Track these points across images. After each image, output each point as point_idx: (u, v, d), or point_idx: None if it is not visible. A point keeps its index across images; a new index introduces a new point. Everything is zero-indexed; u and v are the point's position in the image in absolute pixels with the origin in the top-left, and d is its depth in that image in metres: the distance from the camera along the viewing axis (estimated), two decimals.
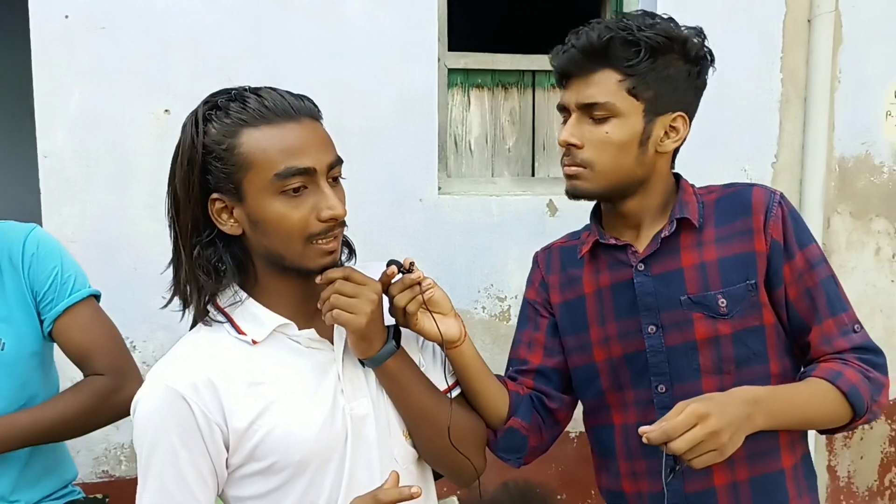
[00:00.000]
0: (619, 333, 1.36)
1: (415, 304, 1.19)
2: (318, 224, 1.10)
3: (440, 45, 2.98)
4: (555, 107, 3.19)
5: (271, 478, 1.14)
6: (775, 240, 1.30)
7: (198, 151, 1.11)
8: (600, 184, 1.30)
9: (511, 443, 1.39)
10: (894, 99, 3.43)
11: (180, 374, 1.12)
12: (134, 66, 2.65)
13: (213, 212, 1.13)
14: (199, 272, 1.14)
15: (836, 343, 1.29)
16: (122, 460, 2.82)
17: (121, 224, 2.69)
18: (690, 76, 1.30)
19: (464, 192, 3.06)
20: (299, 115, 1.10)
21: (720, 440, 1.09)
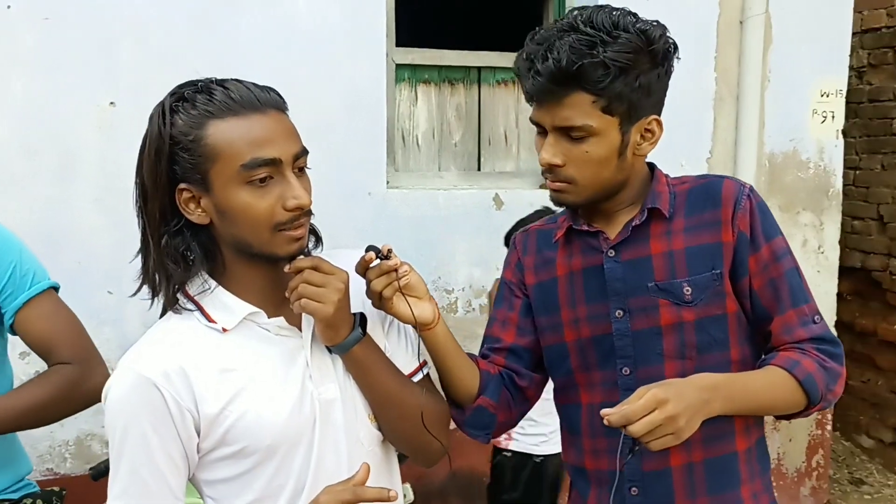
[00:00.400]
0: (588, 316, 1.39)
1: (390, 289, 1.23)
2: (284, 213, 1.13)
3: (388, 41, 3.01)
4: (500, 102, 3.29)
5: (241, 461, 1.17)
6: (742, 231, 1.33)
7: (165, 142, 1.11)
8: (585, 195, 1.33)
9: (479, 420, 1.44)
10: (820, 98, 3.60)
11: (152, 362, 1.14)
12: (78, 57, 2.62)
13: (180, 202, 1.15)
14: (167, 261, 1.16)
15: (796, 333, 1.32)
16: (66, 458, 2.78)
17: (65, 217, 2.65)
18: (661, 78, 1.31)
19: (412, 186, 3.11)
20: (265, 106, 1.13)
21: (677, 424, 1.14)
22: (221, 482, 1.20)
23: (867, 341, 4.36)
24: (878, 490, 4.15)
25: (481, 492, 3.30)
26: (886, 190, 4.36)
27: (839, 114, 3.64)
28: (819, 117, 3.61)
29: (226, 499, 1.21)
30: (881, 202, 4.40)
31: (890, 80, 4.36)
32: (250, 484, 1.18)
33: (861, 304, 4.53)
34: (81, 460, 2.75)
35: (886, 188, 4.36)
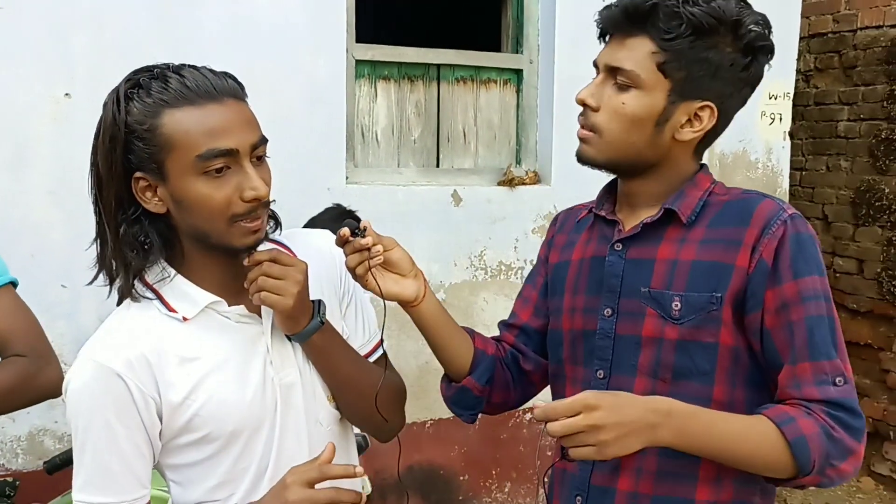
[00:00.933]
0: (584, 307, 1.32)
1: (362, 268, 1.21)
2: (242, 204, 1.12)
3: (348, 37, 3.02)
4: (459, 100, 3.32)
5: (205, 447, 1.18)
6: (763, 259, 1.16)
7: (120, 130, 1.10)
8: (605, 153, 1.23)
9: (462, 400, 1.41)
10: (769, 100, 3.71)
11: (114, 352, 1.14)
12: (33, 47, 2.57)
13: (136, 190, 1.13)
14: (125, 249, 1.15)
15: (806, 390, 1.13)
16: (18, 453, 2.73)
17: (18, 210, 2.61)
18: (734, 66, 1.18)
19: (371, 181, 3.12)
20: (221, 95, 1.11)
21: (599, 436, 1.03)
22: (186, 467, 1.21)
23: None
24: None
25: (438, 486, 3.34)
26: (831, 190, 4.51)
27: (787, 116, 3.76)
28: (767, 119, 3.72)
29: (190, 483, 1.22)
30: (826, 202, 4.54)
31: (835, 83, 4.50)
32: (214, 468, 1.20)
33: None
34: (34, 455, 2.71)
35: (831, 189, 4.51)
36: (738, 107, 1.26)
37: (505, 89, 3.43)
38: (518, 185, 3.30)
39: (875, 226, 4.22)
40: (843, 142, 4.43)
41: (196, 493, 1.22)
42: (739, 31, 1.18)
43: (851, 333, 4.34)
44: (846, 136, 4.41)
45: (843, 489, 4.19)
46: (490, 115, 3.41)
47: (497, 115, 3.42)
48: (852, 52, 4.36)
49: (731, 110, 1.24)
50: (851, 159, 4.38)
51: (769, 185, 3.78)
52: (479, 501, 3.43)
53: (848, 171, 4.40)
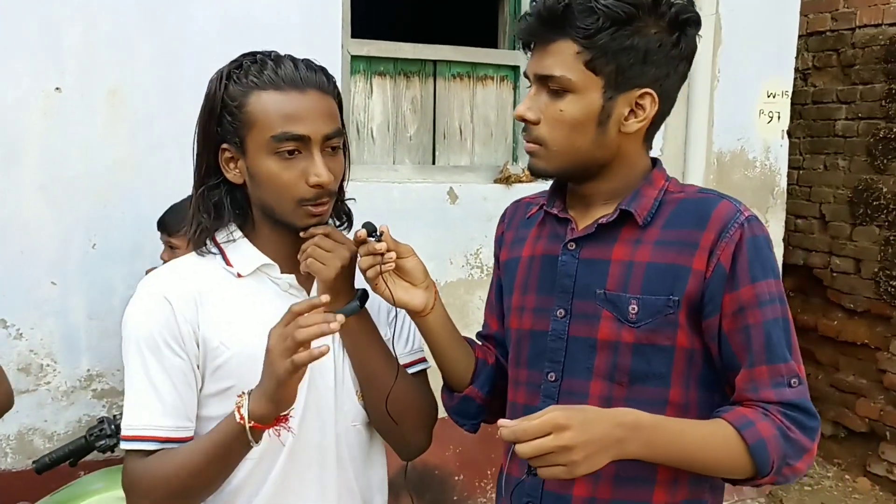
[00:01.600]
0: (534, 307, 1.29)
1: (373, 271, 1.23)
2: (308, 189, 1.20)
3: (343, 33, 2.99)
4: (455, 96, 3.29)
5: (228, 401, 1.20)
6: (721, 263, 1.15)
7: (217, 104, 1.22)
8: (556, 163, 1.21)
9: (464, 409, 1.41)
10: (767, 98, 3.69)
11: (168, 282, 1.26)
12: (23, 41, 2.53)
13: (221, 160, 1.25)
14: (203, 208, 1.27)
15: (763, 392, 1.15)
16: (7, 452, 2.70)
17: (7, 206, 2.57)
18: (663, 46, 1.16)
19: (366, 178, 3.09)
20: (306, 85, 1.20)
21: (570, 457, 1.01)
22: (208, 420, 1.25)
23: (807, 337, 4.49)
24: (818, 482, 4.27)
25: (433, 486, 3.32)
26: (828, 189, 4.49)
27: (785, 114, 3.74)
28: (765, 117, 3.70)
29: None
30: (823, 201, 4.53)
31: (833, 82, 4.49)
32: None
33: (802, 300, 4.66)
34: (23, 455, 2.68)
35: (828, 188, 4.49)
36: (679, 84, 1.23)
37: (501, 86, 3.40)
38: (514, 182, 3.27)
39: (873, 225, 4.20)
40: (840, 141, 4.42)
41: None
42: (660, 10, 1.16)
43: (848, 333, 4.34)
44: (844, 135, 4.39)
45: (839, 489, 4.18)
46: (486, 111, 3.38)
47: (493, 111, 3.39)
48: (850, 51, 4.35)
49: (673, 90, 1.22)
50: (849, 158, 4.36)
51: (767, 184, 3.76)
52: (473, 501, 3.41)
53: (846, 170, 4.38)
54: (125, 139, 2.64)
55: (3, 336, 2.62)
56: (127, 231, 2.65)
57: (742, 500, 3.92)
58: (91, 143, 2.63)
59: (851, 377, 4.36)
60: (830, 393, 4.43)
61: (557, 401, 1.25)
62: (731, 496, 3.86)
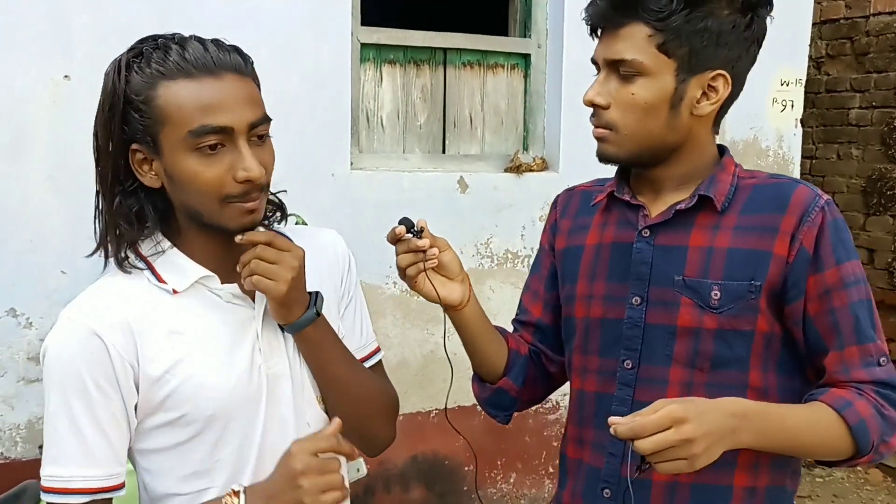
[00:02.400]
0: (604, 295, 1.27)
1: (415, 269, 1.18)
2: (235, 185, 1.07)
3: (353, 20, 2.96)
4: (465, 85, 3.27)
5: (180, 430, 1.13)
6: (804, 247, 1.16)
7: (119, 99, 1.07)
8: (627, 148, 1.19)
9: (499, 401, 1.39)
10: (780, 86, 3.65)
11: (95, 314, 1.09)
12: (32, 29, 2.52)
13: (133, 162, 1.11)
14: (119, 220, 1.12)
15: (855, 373, 1.15)
16: (17, 441, 2.71)
17: (16, 196, 2.56)
18: (736, 28, 1.15)
19: (376, 167, 3.07)
20: (221, 69, 1.07)
21: (692, 450, 1.01)
22: (158, 452, 1.15)
23: None
24: (830, 473, 4.24)
25: (443, 476, 3.31)
26: (841, 179, 4.45)
27: (798, 103, 3.70)
28: (779, 106, 3.66)
29: (162, 472, 1.16)
30: (836, 191, 4.49)
31: (847, 70, 4.44)
32: (188, 455, 1.14)
33: None
34: (33, 444, 2.68)
35: (841, 177, 4.46)
36: (750, 66, 1.23)
37: (512, 74, 3.37)
38: (525, 171, 3.25)
39: (886, 215, 4.17)
40: (854, 130, 4.38)
41: (167, 482, 1.16)
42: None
43: None
44: (858, 124, 4.35)
45: (851, 481, 4.16)
46: (497, 100, 3.35)
47: (504, 100, 3.37)
48: (865, 39, 4.30)
49: (744, 72, 1.22)
50: (863, 148, 4.32)
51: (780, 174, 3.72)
52: (483, 492, 3.40)
53: (859, 159, 4.34)
54: None
55: (13, 325, 2.62)
56: None
57: None
58: None
59: None
60: None
61: (635, 388, 1.23)
62: None
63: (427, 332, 3.05)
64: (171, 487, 1.16)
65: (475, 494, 3.37)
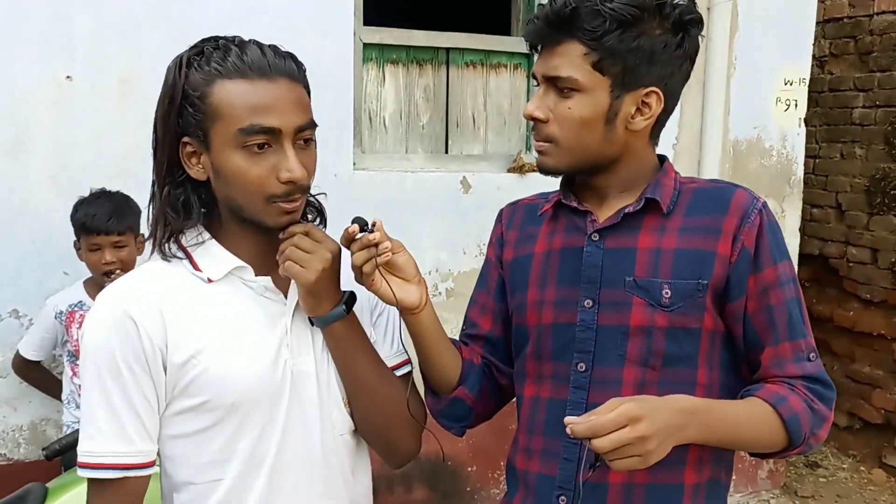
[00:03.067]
0: (555, 300, 1.30)
1: (370, 265, 1.17)
2: (278, 185, 1.12)
3: (355, 20, 2.96)
4: (468, 84, 3.26)
5: (202, 416, 1.16)
6: (746, 248, 1.22)
7: (177, 94, 1.13)
8: (566, 161, 1.25)
9: (454, 412, 1.38)
10: (784, 86, 3.64)
11: (129, 298, 1.15)
12: (33, 28, 2.52)
13: (183, 155, 1.16)
14: (167, 209, 1.18)
15: (788, 368, 1.22)
16: (20, 443, 2.71)
17: (18, 196, 2.56)
18: (668, 46, 1.20)
19: (378, 168, 3.07)
20: (274, 73, 1.12)
21: (646, 447, 1.05)
22: (180, 438, 1.18)
23: (823, 327, 4.44)
24: (833, 473, 4.24)
25: (446, 477, 3.31)
26: (845, 178, 4.44)
27: (802, 102, 3.68)
28: (782, 105, 3.65)
29: (182, 459, 1.19)
30: (839, 190, 4.47)
31: (851, 69, 4.42)
32: (207, 444, 1.17)
33: (818, 290, 4.61)
34: (36, 445, 2.68)
35: (845, 177, 4.44)
36: (683, 83, 1.28)
37: (515, 74, 3.36)
38: (528, 171, 3.24)
39: (890, 215, 4.15)
40: (857, 129, 4.36)
41: (185, 470, 1.19)
42: (664, 12, 1.20)
43: (864, 324, 4.29)
44: (861, 124, 4.33)
45: (855, 481, 4.15)
46: (500, 100, 3.34)
47: (507, 100, 3.36)
48: (868, 38, 4.28)
49: (677, 88, 1.27)
50: (866, 147, 4.30)
51: (783, 174, 3.71)
52: (486, 492, 3.40)
53: (863, 158, 4.32)
54: (135, 127, 2.61)
55: (16, 326, 2.62)
56: None
57: (757, 492, 3.89)
58: (101, 132, 2.61)
59: (867, 368, 4.31)
60: (846, 384, 4.38)
61: (589, 391, 1.25)
62: (746, 487, 3.84)
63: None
64: (189, 476, 1.19)
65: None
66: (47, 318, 2.49)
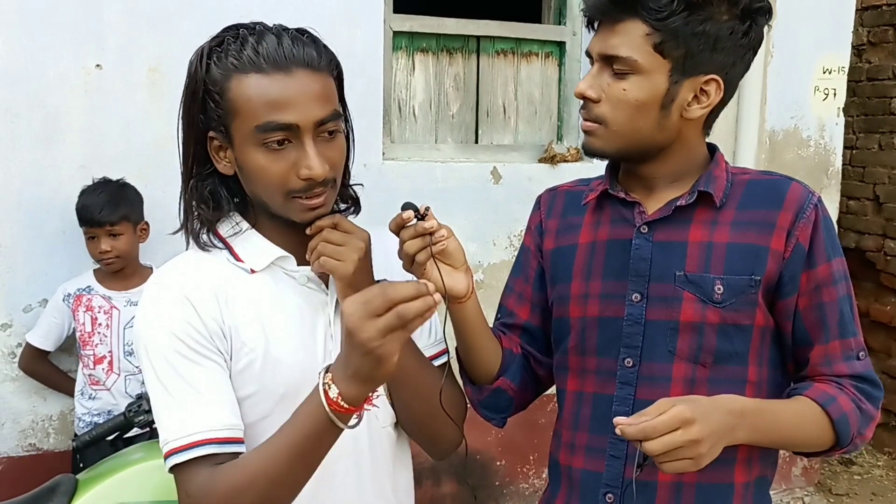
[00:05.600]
0: (601, 293, 1.27)
1: (424, 254, 1.14)
2: (298, 181, 1.09)
3: (385, 7, 2.92)
4: (499, 73, 3.20)
5: (254, 408, 1.13)
6: (800, 244, 1.18)
7: (199, 87, 1.10)
8: (614, 144, 1.20)
9: (496, 403, 1.35)
10: (822, 74, 3.54)
11: (182, 280, 1.13)
12: (64, 17, 2.50)
13: (211, 149, 1.14)
14: (194, 202, 1.17)
15: (837, 367, 1.20)
16: (49, 433, 2.71)
17: (49, 184, 2.56)
18: (734, 34, 1.15)
19: (408, 157, 3.03)
20: (291, 65, 1.07)
21: (698, 450, 1.03)
22: None
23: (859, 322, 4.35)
24: (868, 471, 4.16)
25: (474, 471, 3.28)
26: (883, 170, 4.33)
27: (841, 91, 3.59)
28: (821, 94, 3.56)
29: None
30: (877, 182, 4.37)
31: (889, 58, 4.31)
32: (260, 436, 1.11)
33: (854, 284, 4.48)
34: (65, 435, 2.68)
35: (883, 168, 4.33)
36: (743, 73, 1.22)
37: (546, 62, 3.30)
38: (560, 162, 3.19)
39: None
40: None
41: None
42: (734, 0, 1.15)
43: None
44: None
45: (890, 479, 4.07)
46: (531, 89, 3.29)
47: (538, 89, 3.30)
48: None
49: (736, 79, 1.22)
50: None
51: (821, 165, 3.62)
52: (515, 487, 3.36)
53: None
54: (166, 116, 2.59)
55: None
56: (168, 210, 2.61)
57: (791, 489, 3.82)
58: (132, 121, 2.60)
59: None
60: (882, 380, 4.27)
61: (636, 387, 1.23)
62: (780, 485, 3.77)
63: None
64: None
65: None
66: (55, 302, 2.51)
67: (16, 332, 2.60)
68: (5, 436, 2.65)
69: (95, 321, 2.48)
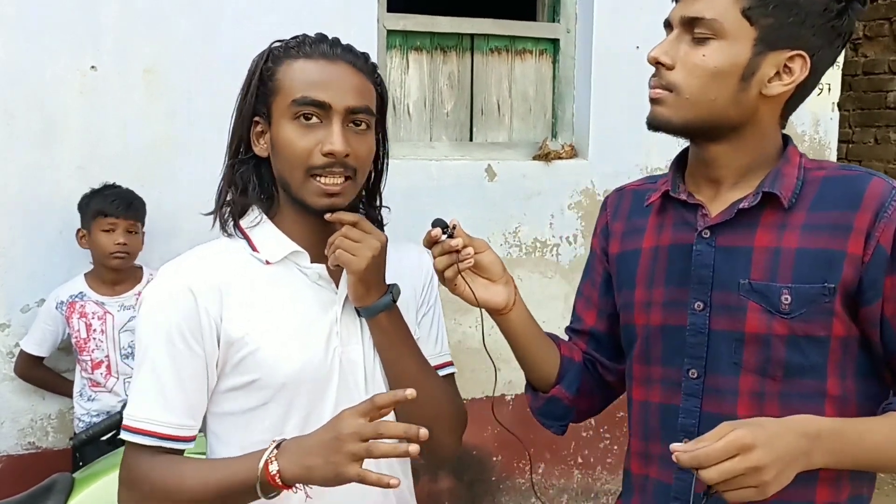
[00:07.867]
0: (664, 301, 1.20)
1: (451, 270, 1.16)
2: (320, 158, 1.16)
3: (379, 6, 2.93)
4: (493, 71, 3.22)
5: (251, 395, 1.19)
6: (881, 246, 1.07)
7: (255, 77, 1.21)
8: (683, 114, 1.12)
9: (552, 411, 1.34)
10: None
11: (189, 272, 1.20)
12: (60, 19, 2.52)
13: (253, 134, 1.24)
14: (229, 186, 1.25)
15: None
16: (48, 431, 2.74)
17: (46, 185, 2.58)
18: (827, 12, 1.08)
19: (403, 155, 3.05)
20: (337, 58, 1.19)
21: (762, 477, 0.95)
22: (228, 416, 1.22)
23: None
24: None
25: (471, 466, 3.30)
26: (879, 164, 4.35)
27: (835, 86, 3.60)
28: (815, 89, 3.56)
29: (229, 437, 1.22)
30: None
31: (885, 52, 4.32)
32: (256, 423, 1.20)
33: None
34: (64, 434, 2.71)
35: (879, 162, 4.35)
36: (830, 63, 1.15)
37: (541, 60, 3.32)
38: (554, 159, 3.20)
39: None
40: (892, 113, 4.27)
41: (232, 450, 1.20)
42: None
43: None
44: None
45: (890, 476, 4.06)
46: (525, 86, 3.30)
47: (532, 86, 3.32)
48: None
49: (823, 66, 1.13)
50: None
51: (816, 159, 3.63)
52: (512, 482, 3.38)
53: None
54: (162, 117, 2.62)
55: None
56: (165, 210, 2.64)
57: None
58: (128, 122, 2.62)
59: None
60: None
61: (702, 399, 1.17)
62: None
63: (455, 322, 3.03)
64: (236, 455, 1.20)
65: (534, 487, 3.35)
66: (48, 310, 2.53)
67: (14, 331, 2.62)
68: (4, 434, 2.68)
69: (90, 327, 2.51)
